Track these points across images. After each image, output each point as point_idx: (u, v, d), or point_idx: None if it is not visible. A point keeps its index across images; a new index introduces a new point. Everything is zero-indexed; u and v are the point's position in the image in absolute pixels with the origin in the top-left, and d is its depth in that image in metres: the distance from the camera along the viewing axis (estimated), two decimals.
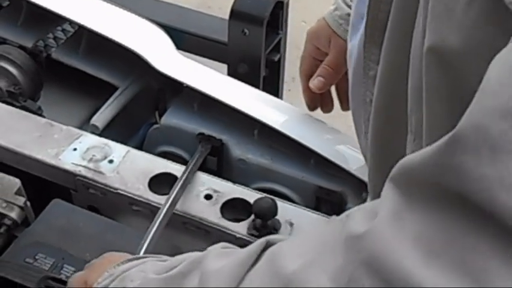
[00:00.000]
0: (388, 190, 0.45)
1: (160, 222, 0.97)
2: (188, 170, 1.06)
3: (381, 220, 0.44)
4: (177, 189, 1.02)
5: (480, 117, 0.39)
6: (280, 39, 1.69)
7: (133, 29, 1.28)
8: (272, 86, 1.75)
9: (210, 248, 0.65)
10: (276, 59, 1.71)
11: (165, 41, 1.28)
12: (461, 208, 0.39)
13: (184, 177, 1.04)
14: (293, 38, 1.83)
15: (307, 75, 1.08)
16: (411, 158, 0.43)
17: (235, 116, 1.16)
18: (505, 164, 0.38)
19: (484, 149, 0.38)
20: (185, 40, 1.71)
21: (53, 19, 1.31)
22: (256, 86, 1.67)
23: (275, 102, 1.22)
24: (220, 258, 0.59)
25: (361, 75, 0.73)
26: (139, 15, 1.31)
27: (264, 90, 1.68)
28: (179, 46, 1.66)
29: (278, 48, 1.70)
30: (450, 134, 0.40)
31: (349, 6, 0.99)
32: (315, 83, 1.05)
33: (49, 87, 1.33)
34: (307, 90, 1.08)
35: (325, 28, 1.03)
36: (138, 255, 0.77)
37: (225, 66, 1.66)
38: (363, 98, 0.74)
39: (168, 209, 0.99)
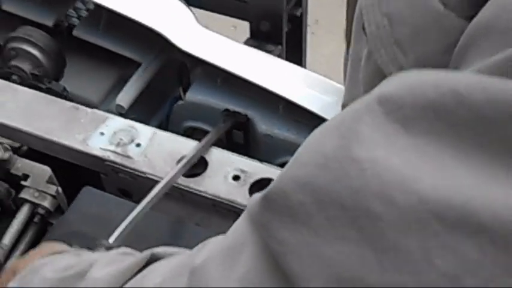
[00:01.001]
0: (240, 220, 0.46)
1: (156, 194, 0.98)
2: (197, 148, 1.06)
3: (215, 255, 0.46)
4: (177, 168, 1.02)
5: (286, 183, 0.41)
6: None
7: (152, 3, 1.26)
8: (295, 40, 1.73)
9: (106, 253, 0.67)
10: (298, 13, 1.69)
11: (185, 14, 1.26)
12: (269, 263, 0.42)
13: (190, 156, 1.04)
14: None
15: None
16: (254, 196, 0.45)
17: (260, 91, 1.16)
18: (301, 235, 0.39)
19: (285, 215, 0.40)
20: None
21: None
22: (279, 43, 1.66)
23: (300, 73, 1.21)
24: (107, 266, 0.61)
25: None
26: None
27: (287, 45, 1.68)
28: (200, 5, 1.65)
29: (300, 2, 1.68)
30: (265, 191, 0.42)
31: None
32: None
33: (71, 63, 1.33)
34: None
35: None
36: (64, 249, 0.79)
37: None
38: None
39: (165, 184, 1.00)
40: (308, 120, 1.14)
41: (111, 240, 0.89)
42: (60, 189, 1.06)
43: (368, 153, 0.38)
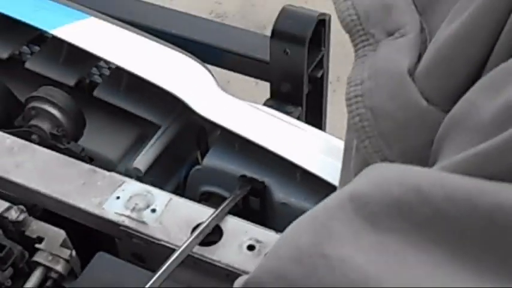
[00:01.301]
0: None
1: (170, 264, 0.98)
2: (212, 217, 1.05)
3: None
4: (192, 237, 1.02)
5: (263, 273, 0.41)
6: (323, 56, 1.67)
7: (173, 66, 1.27)
8: (316, 102, 1.73)
9: None
10: (319, 75, 1.69)
11: (205, 77, 1.27)
12: None
13: (205, 225, 1.04)
14: (337, 35, 1.79)
15: None
16: (238, 281, 0.45)
17: (277, 158, 1.15)
18: None
19: None
20: (227, 58, 1.70)
21: (94, 56, 1.30)
22: (299, 104, 1.67)
23: (319, 139, 1.20)
24: None
25: None
26: (180, 51, 1.30)
27: (307, 106, 1.68)
28: (221, 64, 1.66)
29: (321, 64, 1.68)
30: (246, 278, 0.43)
31: None
32: None
33: (91, 120, 1.33)
34: None
35: None
36: None
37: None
38: None
39: (180, 254, 0.99)
40: (325, 189, 1.13)
41: None
42: (74, 252, 1.06)
43: (337, 251, 0.39)
